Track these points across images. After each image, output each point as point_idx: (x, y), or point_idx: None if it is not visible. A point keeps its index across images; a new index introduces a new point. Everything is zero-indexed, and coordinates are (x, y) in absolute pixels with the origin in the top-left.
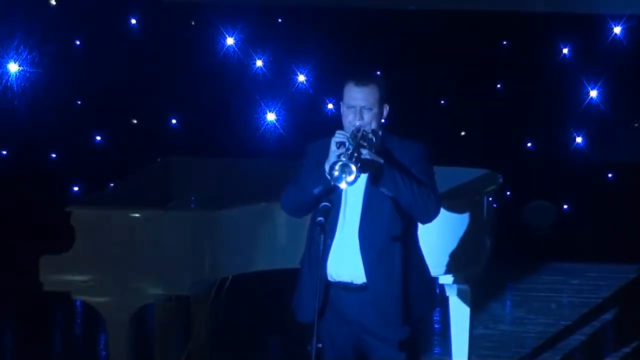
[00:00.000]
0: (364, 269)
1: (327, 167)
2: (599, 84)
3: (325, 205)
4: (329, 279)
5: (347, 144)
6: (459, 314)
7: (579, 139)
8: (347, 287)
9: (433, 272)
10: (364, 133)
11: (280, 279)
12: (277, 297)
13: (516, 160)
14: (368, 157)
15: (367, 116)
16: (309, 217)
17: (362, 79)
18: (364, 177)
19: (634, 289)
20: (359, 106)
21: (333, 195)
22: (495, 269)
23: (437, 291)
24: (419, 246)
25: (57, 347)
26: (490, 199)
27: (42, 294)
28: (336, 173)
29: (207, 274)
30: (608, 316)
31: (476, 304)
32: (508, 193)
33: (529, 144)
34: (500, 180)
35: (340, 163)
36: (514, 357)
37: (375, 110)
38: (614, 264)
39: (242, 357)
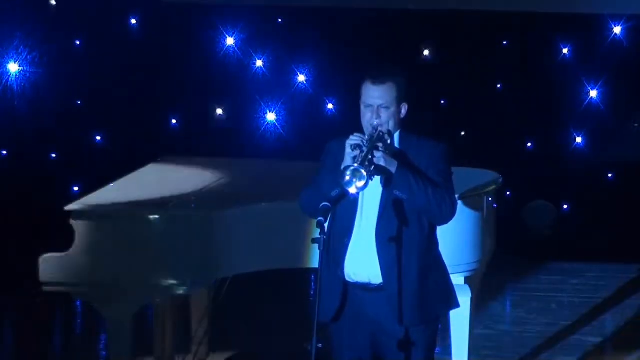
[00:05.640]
0: (380, 269)
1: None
2: (599, 84)
3: (325, 205)
4: (347, 279)
5: (362, 146)
6: (459, 314)
7: (579, 139)
8: (365, 288)
9: None
10: (380, 134)
11: (280, 279)
12: (277, 297)
13: (516, 160)
14: (382, 162)
15: (384, 115)
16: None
17: (379, 77)
18: (381, 178)
19: (634, 289)
20: (376, 105)
21: (351, 196)
22: (495, 269)
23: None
24: (437, 246)
25: (57, 347)
26: (490, 199)
27: (42, 294)
28: (347, 178)
29: (207, 274)
30: (608, 316)
31: (476, 304)
32: (508, 193)
33: (529, 144)
34: (500, 180)
35: (351, 168)
36: (514, 357)
37: (393, 108)
38: (614, 264)
39: (242, 357)
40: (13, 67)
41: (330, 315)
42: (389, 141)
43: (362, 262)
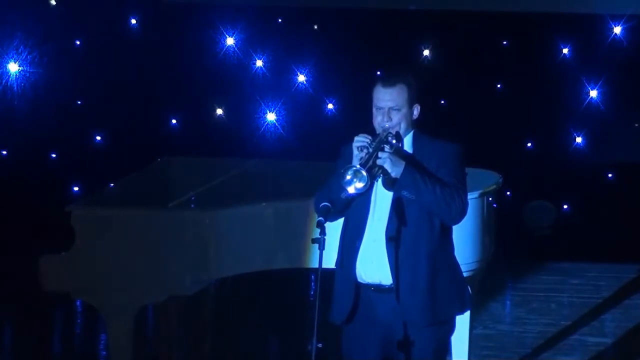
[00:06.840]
0: (390, 270)
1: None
2: (599, 84)
3: (325, 205)
4: (359, 280)
5: (368, 147)
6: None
7: (579, 139)
8: (376, 289)
9: None
10: (387, 135)
11: (279, 279)
12: (277, 297)
13: (516, 160)
14: (387, 163)
15: (395, 117)
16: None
17: (389, 80)
18: (389, 179)
19: (634, 289)
20: (386, 107)
21: (362, 197)
22: (495, 269)
23: (469, 292)
24: (451, 247)
25: (57, 347)
26: (490, 199)
27: (42, 294)
28: (348, 177)
29: (207, 274)
30: (608, 316)
31: (476, 304)
32: (508, 193)
33: (529, 144)
34: (500, 180)
35: (353, 168)
36: (514, 357)
37: (405, 110)
38: (614, 264)
39: (242, 357)
40: (13, 67)
41: (343, 317)
42: (394, 141)
43: (373, 263)
